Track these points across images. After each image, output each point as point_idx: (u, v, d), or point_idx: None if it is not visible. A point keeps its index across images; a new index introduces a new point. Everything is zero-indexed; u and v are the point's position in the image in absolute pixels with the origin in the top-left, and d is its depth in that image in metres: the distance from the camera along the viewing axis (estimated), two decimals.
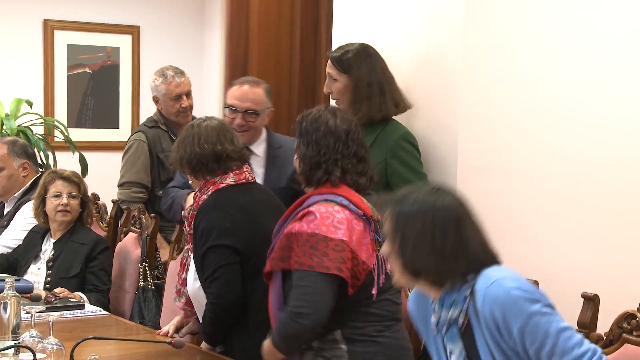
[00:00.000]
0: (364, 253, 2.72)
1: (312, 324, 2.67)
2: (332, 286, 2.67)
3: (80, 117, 6.53)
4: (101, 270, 4.10)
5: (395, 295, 2.85)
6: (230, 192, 3.19)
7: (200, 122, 3.27)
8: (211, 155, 3.18)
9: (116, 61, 6.64)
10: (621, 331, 2.52)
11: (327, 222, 2.69)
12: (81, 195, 4.19)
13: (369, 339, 2.76)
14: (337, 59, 3.76)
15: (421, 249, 2.25)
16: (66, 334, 3.13)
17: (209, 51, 6.83)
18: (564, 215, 3.39)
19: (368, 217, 2.75)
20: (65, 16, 6.43)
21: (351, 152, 2.83)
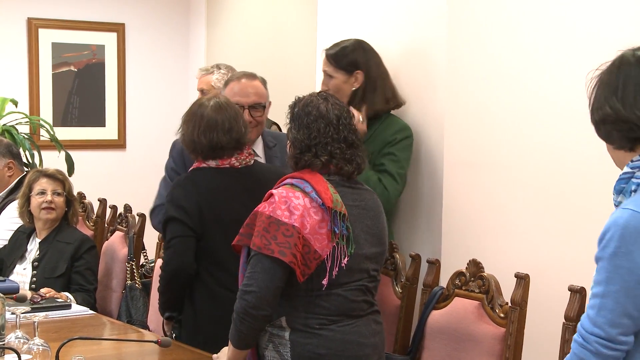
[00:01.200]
0: (317, 242, 2.72)
1: (256, 301, 2.69)
2: (278, 269, 2.70)
3: (66, 115, 6.51)
4: (87, 269, 4.09)
5: (352, 292, 2.83)
6: (204, 174, 3.31)
7: (206, 106, 3.34)
8: (207, 147, 3.29)
9: (101, 59, 6.62)
10: None
11: (283, 207, 2.72)
12: (66, 193, 4.17)
13: (310, 330, 2.77)
14: (332, 55, 3.75)
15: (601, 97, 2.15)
16: (52, 334, 3.12)
17: (195, 48, 6.81)
18: (550, 209, 3.40)
19: (327, 208, 2.74)
20: (49, 14, 6.40)
21: (341, 136, 2.85)
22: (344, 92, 3.73)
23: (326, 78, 3.77)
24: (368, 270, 2.87)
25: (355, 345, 2.83)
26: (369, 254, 2.87)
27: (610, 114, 2.13)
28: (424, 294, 3.24)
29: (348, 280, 2.81)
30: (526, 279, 2.84)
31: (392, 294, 3.44)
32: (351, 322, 2.84)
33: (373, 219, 2.90)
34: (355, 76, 3.73)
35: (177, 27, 6.87)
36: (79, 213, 4.38)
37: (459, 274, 3.11)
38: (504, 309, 2.90)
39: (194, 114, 3.35)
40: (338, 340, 2.79)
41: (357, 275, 2.83)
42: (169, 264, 3.24)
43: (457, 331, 3.01)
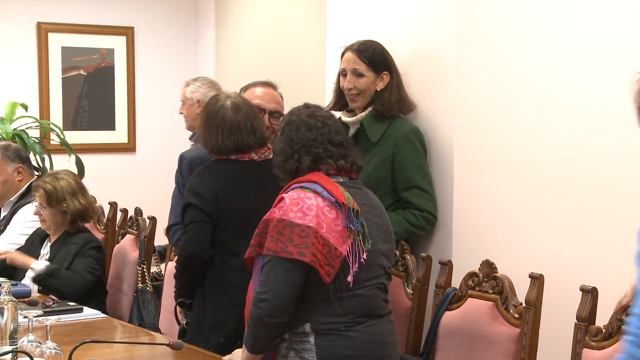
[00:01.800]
0: (336, 240, 2.72)
1: (271, 309, 2.68)
2: (296, 272, 2.68)
3: (76, 119, 6.52)
4: (82, 262, 4.06)
5: (373, 292, 2.84)
6: (223, 165, 3.39)
7: (226, 108, 3.39)
8: (233, 148, 3.38)
9: (111, 62, 6.63)
10: (620, 324, 2.52)
11: (295, 208, 2.71)
12: (55, 205, 4.14)
13: (336, 333, 2.76)
14: (365, 53, 3.72)
15: None
16: (64, 337, 3.13)
17: (204, 50, 6.82)
18: (560, 210, 3.39)
19: (340, 204, 2.74)
20: (59, 18, 6.41)
21: (325, 138, 2.87)
22: (370, 92, 3.73)
23: (353, 76, 3.73)
24: (384, 267, 2.89)
25: (379, 345, 2.84)
26: (383, 250, 2.88)
27: None
28: (437, 295, 3.23)
29: (369, 277, 2.81)
30: (540, 279, 2.83)
31: (404, 295, 3.44)
32: (374, 322, 2.84)
33: (380, 216, 2.93)
34: (382, 77, 3.73)
35: (186, 30, 6.87)
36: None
37: (472, 274, 3.10)
38: (518, 309, 2.90)
39: (214, 117, 3.38)
40: (364, 341, 2.79)
41: (376, 271, 2.84)
42: (185, 248, 3.34)
43: (471, 332, 3.01)
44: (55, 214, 4.14)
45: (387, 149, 3.67)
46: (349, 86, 3.73)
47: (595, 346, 2.61)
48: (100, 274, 4.13)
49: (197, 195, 3.32)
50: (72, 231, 4.16)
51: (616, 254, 3.15)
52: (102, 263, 4.19)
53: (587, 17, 3.32)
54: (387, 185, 3.68)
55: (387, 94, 3.72)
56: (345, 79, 3.75)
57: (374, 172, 3.66)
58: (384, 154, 3.67)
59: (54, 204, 4.12)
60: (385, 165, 3.67)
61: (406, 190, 3.66)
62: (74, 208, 4.15)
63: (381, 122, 3.71)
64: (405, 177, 3.65)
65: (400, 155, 3.66)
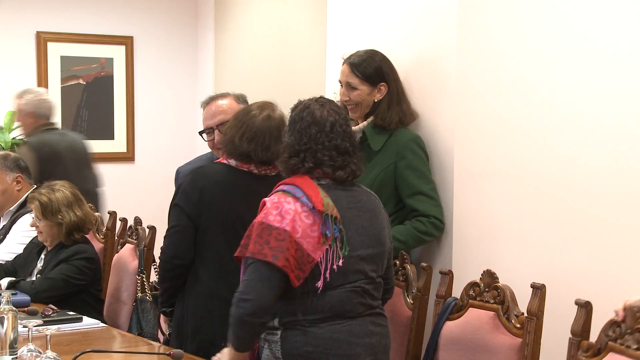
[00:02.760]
0: (309, 246, 2.75)
1: (252, 309, 2.73)
2: (276, 275, 2.73)
3: (74, 128, 6.52)
4: (69, 265, 4.05)
5: (346, 294, 2.84)
6: (218, 168, 3.35)
7: (255, 115, 3.33)
8: (243, 154, 3.32)
9: (110, 72, 6.64)
10: (608, 339, 2.48)
11: (275, 212, 2.76)
12: (50, 217, 4.13)
13: (300, 328, 2.81)
14: (357, 66, 3.71)
15: None
16: (64, 347, 3.11)
17: (203, 60, 6.82)
18: (561, 219, 3.38)
19: (318, 211, 2.76)
20: (58, 28, 6.42)
21: (332, 144, 2.86)
22: (366, 103, 3.73)
23: (347, 89, 3.73)
24: (365, 272, 2.88)
25: (344, 343, 2.83)
26: (364, 255, 2.88)
27: None
28: (437, 304, 3.23)
29: (342, 283, 2.82)
30: (542, 289, 2.83)
31: (404, 305, 3.43)
32: (342, 322, 2.85)
33: (370, 220, 2.92)
34: (379, 88, 3.72)
35: (185, 39, 6.88)
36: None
37: (473, 284, 3.09)
38: (520, 319, 2.89)
39: (246, 117, 3.35)
40: (326, 339, 2.81)
41: (352, 277, 2.85)
42: (165, 252, 3.33)
43: (473, 342, 3.00)
44: (51, 226, 4.13)
45: (389, 157, 3.67)
46: (344, 98, 3.74)
47: None
48: (87, 283, 4.11)
49: (183, 194, 3.30)
50: (67, 243, 4.15)
51: (618, 264, 3.15)
52: (94, 274, 4.16)
53: (589, 26, 3.32)
54: (390, 194, 3.67)
55: (385, 107, 3.71)
56: (341, 91, 3.77)
57: (377, 180, 3.66)
58: (386, 162, 3.67)
59: (49, 215, 4.12)
60: (387, 174, 3.67)
61: (411, 197, 3.65)
62: (70, 220, 4.14)
63: (382, 133, 3.71)
64: (409, 184, 3.65)
65: (402, 163, 3.66)
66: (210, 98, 3.85)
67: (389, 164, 3.67)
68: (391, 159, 3.67)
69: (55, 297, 3.95)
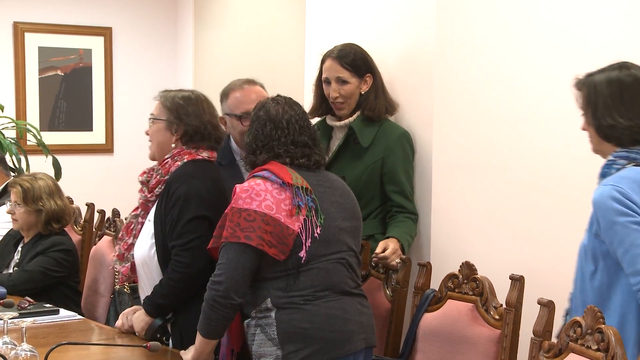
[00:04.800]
0: (286, 219, 2.82)
1: (225, 291, 2.78)
2: (247, 254, 2.79)
3: (53, 120, 6.48)
4: (47, 257, 4.03)
5: (332, 265, 2.88)
6: (205, 165, 3.29)
7: (198, 94, 3.38)
8: (207, 131, 3.29)
9: (89, 63, 6.59)
10: (569, 340, 2.48)
11: (244, 195, 2.83)
12: (30, 203, 4.10)
13: (295, 306, 2.83)
14: (347, 60, 3.68)
15: (612, 110, 2.56)
16: (40, 339, 3.10)
17: (183, 51, 6.79)
18: (539, 211, 3.39)
19: (287, 185, 2.84)
20: (35, 18, 6.37)
21: (289, 139, 2.95)
22: (355, 96, 3.70)
23: (338, 84, 3.67)
24: (346, 243, 2.93)
25: (340, 320, 2.86)
26: (344, 227, 2.93)
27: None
28: (416, 296, 3.23)
29: (326, 252, 2.87)
30: (521, 281, 2.83)
31: (383, 297, 3.43)
32: (336, 298, 2.88)
33: (342, 196, 2.99)
34: (365, 80, 3.71)
35: (165, 30, 6.84)
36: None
37: (452, 276, 3.10)
38: (499, 310, 2.89)
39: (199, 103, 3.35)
40: (322, 315, 2.84)
41: (335, 246, 2.89)
42: (191, 266, 3.13)
43: (452, 333, 3.01)
44: (29, 213, 4.10)
45: (378, 152, 3.65)
46: (335, 95, 3.68)
47: None
48: (64, 275, 4.09)
49: (204, 203, 3.16)
50: (45, 232, 4.13)
51: None
52: (71, 266, 4.14)
53: (569, 17, 3.33)
54: (377, 188, 3.66)
55: (373, 97, 3.70)
56: (330, 88, 3.70)
57: (364, 174, 3.65)
58: (375, 157, 3.64)
59: (29, 202, 4.09)
60: (375, 168, 3.65)
61: (397, 194, 3.64)
62: (50, 208, 4.11)
63: (371, 125, 3.68)
64: (396, 180, 3.63)
65: (391, 158, 3.64)
66: (244, 81, 3.65)
67: (377, 159, 3.64)
68: (380, 153, 3.65)
69: (33, 290, 3.93)
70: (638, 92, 2.57)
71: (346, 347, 2.84)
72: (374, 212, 3.67)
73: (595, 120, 2.62)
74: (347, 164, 3.69)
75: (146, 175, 3.37)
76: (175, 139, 3.32)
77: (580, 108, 2.68)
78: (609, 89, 2.59)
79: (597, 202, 2.55)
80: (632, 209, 2.49)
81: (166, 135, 3.34)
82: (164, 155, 3.33)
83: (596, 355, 2.35)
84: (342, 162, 3.70)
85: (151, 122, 3.40)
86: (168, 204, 3.22)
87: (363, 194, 3.62)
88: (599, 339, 2.36)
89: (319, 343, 2.81)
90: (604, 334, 2.34)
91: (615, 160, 2.61)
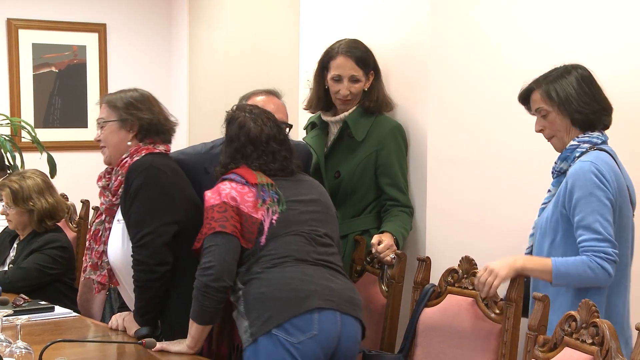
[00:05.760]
0: (249, 209, 2.96)
1: (217, 274, 2.89)
2: (225, 239, 2.92)
3: (47, 117, 6.46)
4: (42, 255, 4.03)
5: (293, 237, 2.98)
6: (163, 157, 3.28)
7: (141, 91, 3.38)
8: (160, 124, 3.30)
9: (83, 60, 6.57)
10: (564, 334, 2.49)
11: (213, 195, 2.99)
12: (21, 204, 4.09)
13: (255, 276, 2.94)
14: (360, 58, 3.66)
15: (584, 97, 2.96)
16: (35, 337, 3.09)
17: (177, 48, 6.78)
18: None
19: (251, 184, 2.98)
20: (29, 15, 6.35)
21: (267, 158, 3.07)
22: (360, 94, 3.69)
23: (350, 82, 3.65)
24: (309, 224, 3.01)
25: (296, 280, 2.90)
26: (308, 210, 3.04)
27: None
28: (415, 291, 3.22)
29: (287, 231, 2.97)
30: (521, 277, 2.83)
31: (379, 292, 3.44)
32: (295, 264, 2.94)
33: (308, 187, 3.10)
34: (369, 77, 3.70)
35: (159, 27, 6.82)
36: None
37: (452, 271, 3.09)
38: (499, 305, 2.89)
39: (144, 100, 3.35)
40: (278, 277, 2.91)
41: (296, 226, 2.99)
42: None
43: (452, 328, 3.00)
44: (21, 213, 4.10)
45: (372, 145, 3.64)
46: (346, 93, 3.66)
47: (541, 357, 2.55)
48: (60, 272, 4.08)
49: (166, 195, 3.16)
50: (39, 230, 4.12)
51: None
52: (67, 262, 4.13)
53: (560, 14, 3.33)
54: (371, 182, 3.66)
55: (375, 92, 3.69)
56: (341, 85, 3.65)
57: (358, 168, 3.64)
58: (368, 150, 3.64)
59: (20, 202, 4.08)
60: (369, 162, 3.64)
61: (391, 187, 3.63)
62: (41, 207, 4.10)
63: (365, 119, 3.67)
64: (389, 173, 3.63)
65: (385, 151, 3.63)
66: (267, 91, 3.52)
67: (371, 152, 3.64)
68: (373, 147, 3.64)
69: (28, 287, 3.92)
70: (594, 83, 3.00)
71: (304, 304, 2.85)
72: (368, 206, 3.66)
73: (571, 111, 2.98)
74: (342, 158, 3.68)
75: (104, 179, 3.33)
76: (131, 136, 3.27)
77: (539, 108, 3.02)
78: (574, 85, 2.97)
79: (576, 174, 2.87)
80: (606, 186, 2.84)
81: (121, 135, 3.28)
82: (120, 156, 3.27)
83: (591, 349, 2.35)
84: (337, 156, 3.70)
85: (100, 127, 3.35)
86: (128, 196, 3.17)
87: (357, 188, 3.62)
88: (593, 333, 2.36)
89: (276, 304, 2.86)
90: (599, 328, 2.35)
91: (578, 144, 2.96)
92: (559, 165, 3.02)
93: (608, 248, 2.81)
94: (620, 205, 2.90)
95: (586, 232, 2.82)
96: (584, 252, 2.82)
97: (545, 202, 3.05)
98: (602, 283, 2.84)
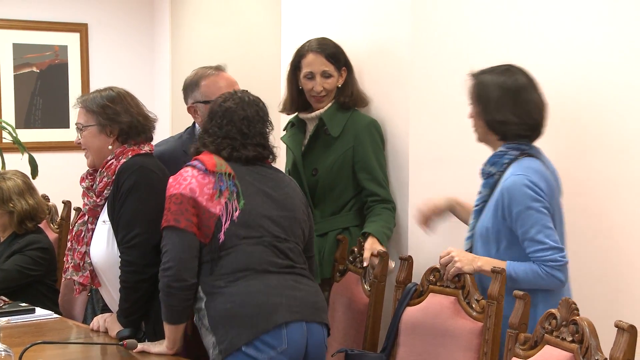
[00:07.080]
0: (208, 203, 2.91)
1: (176, 274, 2.87)
2: (180, 235, 2.89)
3: (29, 117, 6.43)
4: (23, 256, 4.00)
5: (254, 247, 2.92)
6: (150, 158, 3.28)
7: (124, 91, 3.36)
8: (140, 124, 3.29)
9: (64, 60, 6.54)
10: (544, 331, 2.50)
11: (174, 182, 2.96)
12: (1, 206, 4.06)
13: (217, 291, 2.89)
14: (331, 54, 3.70)
15: (503, 107, 2.96)
16: (15, 339, 3.06)
17: (160, 48, 6.76)
18: None
19: (210, 172, 2.94)
20: (10, 14, 6.31)
21: (239, 140, 3.03)
22: (334, 90, 3.71)
23: (323, 78, 3.70)
24: (269, 230, 2.96)
25: (261, 294, 2.87)
26: (269, 215, 2.97)
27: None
28: (397, 290, 3.22)
29: (246, 235, 2.92)
30: (502, 273, 2.84)
31: (361, 291, 3.43)
32: (258, 277, 2.90)
33: (274, 187, 3.04)
34: (342, 73, 3.72)
35: (141, 26, 6.80)
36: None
37: (433, 269, 3.09)
38: (481, 303, 2.89)
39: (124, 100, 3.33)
40: (242, 292, 2.87)
41: (255, 231, 2.94)
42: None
43: (434, 327, 3.00)
44: (1, 215, 4.08)
45: (348, 142, 3.66)
46: (320, 89, 3.69)
47: (522, 355, 2.56)
48: (41, 274, 4.06)
49: (152, 190, 3.16)
50: (20, 232, 4.10)
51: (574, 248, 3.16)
52: (48, 264, 4.11)
53: (544, 12, 3.34)
54: (349, 178, 3.66)
55: (349, 87, 3.72)
56: (314, 82, 3.70)
57: (335, 164, 3.65)
58: (345, 146, 3.66)
59: (0, 204, 4.06)
60: (346, 158, 3.66)
61: (370, 181, 3.64)
62: (21, 208, 4.08)
63: (341, 115, 3.69)
64: (367, 167, 3.64)
65: (361, 148, 3.65)
66: (214, 68, 3.63)
67: (348, 148, 3.65)
68: (349, 143, 3.66)
69: (9, 289, 3.89)
70: (521, 96, 2.98)
71: (272, 319, 2.83)
72: (348, 203, 3.66)
73: (487, 115, 3.01)
74: (319, 155, 3.69)
75: (88, 181, 3.31)
76: (112, 140, 3.26)
77: (469, 99, 3.06)
78: (497, 91, 2.98)
79: (511, 189, 2.91)
80: (541, 195, 2.89)
81: (102, 139, 3.27)
82: (104, 159, 3.26)
83: (571, 347, 2.36)
84: (313, 153, 3.70)
85: (79, 131, 3.33)
86: (118, 198, 3.16)
87: (335, 184, 3.62)
88: (573, 331, 2.37)
89: (243, 320, 2.83)
90: (579, 326, 2.36)
91: (507, 151, 3.00)
92: (488, 169, 3.06)
93: (554, 255, 2.86)
94: (554, 206, 2.95)
95: (531, 244, 2.88)
96: (534, 262, 2.89)
97: (478, 203, 3.08)
98: (554, 288, 2.90)
